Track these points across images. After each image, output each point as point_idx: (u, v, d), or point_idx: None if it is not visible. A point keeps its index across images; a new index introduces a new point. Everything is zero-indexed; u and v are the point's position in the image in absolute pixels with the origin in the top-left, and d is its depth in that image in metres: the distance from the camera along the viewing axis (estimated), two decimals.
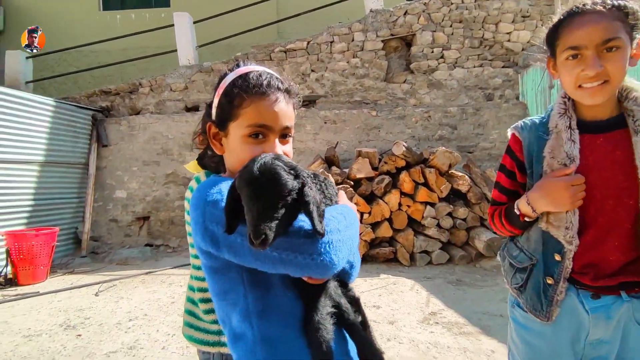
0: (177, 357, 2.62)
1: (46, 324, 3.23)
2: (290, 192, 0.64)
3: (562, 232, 1.01)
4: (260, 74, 0.82)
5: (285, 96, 0.83)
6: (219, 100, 0.84)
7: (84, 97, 6.87)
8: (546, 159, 1.04)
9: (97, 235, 6.30)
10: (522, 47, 6.53)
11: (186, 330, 1.22)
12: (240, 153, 0.81)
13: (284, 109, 0.81)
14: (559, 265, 1.03)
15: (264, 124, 0.79)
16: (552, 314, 1.03)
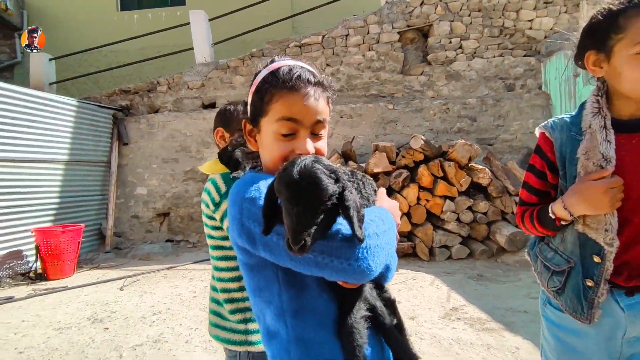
0: (201, 351, 2.67)
1: (75, 317, 3.35)
2: (330, 197, 0.62)
3: (601, 235, 0.98)
4: (291, 68, 0.79)
5: (317, 90, 0.79)
6: (251, 97, 0.84)
7: (104, 97, 7.03)
8: (580, 161, 1.01)
9: (120, 231, 6.48)
10: (544, 35, 6.31)
11: (212, 330, 1.23)
12: (271, 149, 0.80)
13: (315, 102, 0.78)
14: (598, 267, 1.00)
15: (293, 118, 0.77)
16: (593, 316, 1.01)
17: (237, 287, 1.19)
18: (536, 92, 6.17)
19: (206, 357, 2.58)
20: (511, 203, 4.81)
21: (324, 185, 0.61)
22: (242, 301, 1.19)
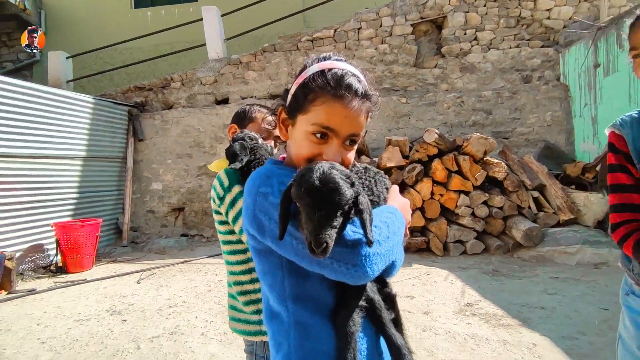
0: (216, 343, 2.71)
1: (94, 309, 3.44)
2: (348, 202, 0.65)
3: None
4: (343, 74, 0.78)
5: (361, 102, 0.78)
6: (296, 88, 0.82)
7: (119, 94, 7.15)
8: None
9: (136, 226, 6.60)
10: (563, 24, 6.12)
11: (231, 324, 1.27)
12: (300, 147, 0.81)
13: (355, 115, 0.77)
14: None
15: (329, 127, 0.77)
16: None
17: (249, 280, 1.22)
18: (554, 84, 6.00)
19: (221, 349, 2.61)
20: (528, 197, 4.72)
21: (342, 191, 0.64)
22: (255, 293, 1.21)
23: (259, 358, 1.21)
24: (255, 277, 1.21)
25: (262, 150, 1.23)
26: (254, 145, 1.22)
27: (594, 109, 5.28)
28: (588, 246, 4.14)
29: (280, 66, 6.75)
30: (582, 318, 2.85)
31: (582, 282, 3.61)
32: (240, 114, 1.44)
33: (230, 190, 1.18)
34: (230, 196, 1.18)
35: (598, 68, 5.14)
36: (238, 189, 1.18)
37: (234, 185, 1.18)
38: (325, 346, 0.73)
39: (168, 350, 2.63)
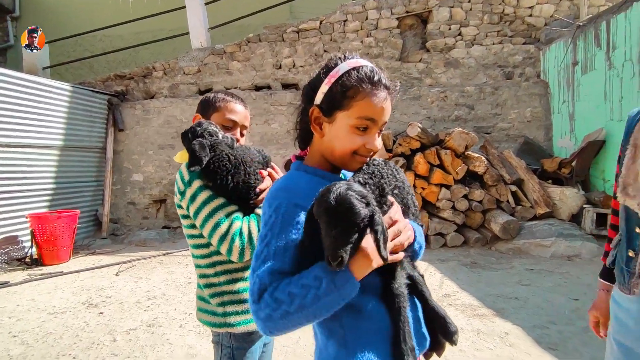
0: (194, 335, 2.70)
1: (70, 302, 3.37)
2: (363, 220, 0.71)
3: (637, 201, 1.01)
4: (373, 69, 0.86)
5: (388, 93, 0.87)
6: (330, 87, 0.86)
7: (99, 82, 6.95)
8: (633, 133, 1.06)
9: (116, 218, 6.48)
10: (544, 22, 6.22)
11: (198, 315, 1.28)
12: (344, 141, 0.86)
13: (387, 105, 0.87)
14: (639, 238, 1.03)
15: (372, 118, 0.84)
16: (632, 287, 1.04)
17: (213, 273, 1.22)
18: (534, 81, 6.12)
19: (199, 341, 2.60)
20: (506, 191, 4.82)
21: (356, 210, 0.70)
22: (219, 285, 1.21)
23: (225, 348, 1.23)
24: (220, 271, 1.21)
25: (222, 145, 1.20)
26: (213, 141, 1.19)
27: (572, 106, 5.41)
28: (562, 239, 4.27)
29: (265, 57, 6.68)
30: (553, 308, 2.95)
31: (555, 273, 3.73)
32: (204, 103, 1.38)
33: (191, 185, 1.17)
34: (190, 191, 1.17)
35: (576, 66, 5.26)
36: (198, 184, 1.17)
37: (194, 180, 1.18)
38: (378, 324, 0.81)
39: (145, 342, 2.60)
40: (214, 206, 1.15)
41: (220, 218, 1.13)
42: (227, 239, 1.11)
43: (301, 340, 2.57)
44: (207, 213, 1.14)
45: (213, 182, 1.16)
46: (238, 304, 1.21)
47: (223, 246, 1.12)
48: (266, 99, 6.37)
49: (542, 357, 2.30)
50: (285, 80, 6.66)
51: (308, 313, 0.72)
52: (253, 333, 1.24)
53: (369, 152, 0.86)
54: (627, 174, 1.05)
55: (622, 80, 4.42)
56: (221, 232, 1.12)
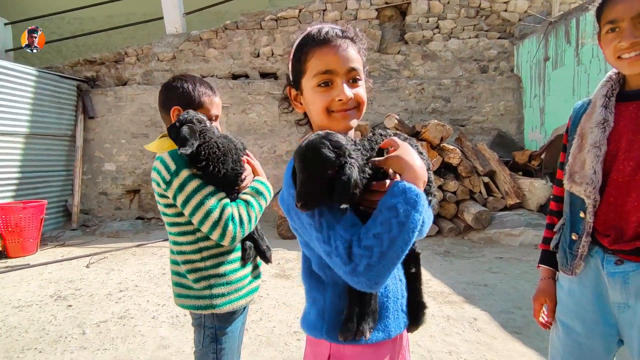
0: (167, 326, 2.66)
1: (36, 295, 3.26)
2: (327, 169, 0.71)
3: (583, 188, 1.05)
4: (320, 28, 0.85)
5: (348, 42, 0.84)
6: (290, 63, 0.89)
7: (67, 67, 6.64)
8: (580, 124, 1.11)
9: (88, 208, 6.27)
10: (519, 17, 6.36)
11: (178, 301, 1.30)
12: (314, 104, 0.85)
13: (346, 52, 0.83)
14: (582, 222, 1.08)
15: (328, 69, 0.82)
16: (574, 268, 1.10)
17: (200, 258, 1.25)
18: (508, 75, 6.27)
19: (173, 332, 2.58)
20: (479, 183, 4.96)
21: (322, 158, 0.71)
22: (206, 269, 1.25)
23: (207, 329, 1.27)
24: (206, 255, 1.24)
25: (211, 132, 1.22)
26: (202, 128, 1.20)
27: (542, 100, 5.59)
28: (530, 228, 4.45)
29: (242, 45, 6.54)
30: (519, 294, 3.07)
31: (523, 261, 3.89)
32: (183, 96, 1.33)
33: (179, 174, 1.17)
34: (178, 180, 1.17)
35: (547, 61, 5.42)
36: (187, 173, 1.18)
37: (182, 169, 1.18)
38: None
39: (116, 334, 2.55)
40: (204, 194, 1.17)
41: (212, 205, 1.17)
42: (220, 224, 1.16)
43: (275, 329, 2.58)
44: (199, 201, 1.16)
45: (204, 169, 1.18)
46: (224, 285, 1.26)
47: (215, 232, 1.16)
48: (244, 88, 6.27)
49: (507, 340, 2.40)
50: (263, 69, 6.56)
51: (399, 244, 0.71)
52: (235, 312, 1.30)
53: (342, 105, 0.83)
54: (573, 162, 1.10)
55: (589, 77, 4.60)
56: (214, 219, 1.15)
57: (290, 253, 4.29)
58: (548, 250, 1.24)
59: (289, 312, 2.84)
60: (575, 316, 1.12)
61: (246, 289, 1.31)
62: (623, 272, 1.02)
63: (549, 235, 1.25)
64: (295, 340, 2.45)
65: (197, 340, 1.30)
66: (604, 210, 1.05)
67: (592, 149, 1.05)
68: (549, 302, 1.22)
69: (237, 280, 1.28)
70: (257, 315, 2.78)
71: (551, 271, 1.24)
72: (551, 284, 1.23)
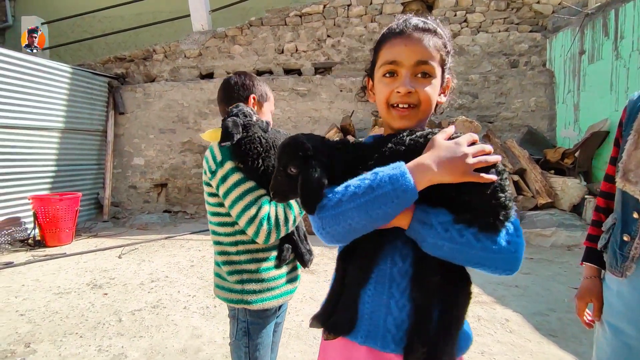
0: (198, 317, 2.73)
1: (74, 282, 3.40)
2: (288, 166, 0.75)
3: (638, 187, 1.00)
4: (401, 18, 0.83)
5: (425, 35, 0.79)
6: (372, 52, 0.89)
7: (99, 64, 6.86)
8: (638, 119, 1.04)
9: (118, 201, 6.49)
10: (552, 10, 6.13)
11: (216, 291, 1.33)
12: (378, 94, 0.83)
13: (418, 44, 0.78)
14: (636, 223, 1.03)
15: (394, 60, 0.79)
16: (625, 270, 1.05)
17: (235, 251, 1.26)
18: (540, 70, 6.06)
19: (204, 322, 2.64)
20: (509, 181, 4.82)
21: (284, 155, 0.75)
22: (239, 264, 1.25)
23: (240, 322, 1.28)
24: (242, 250, 1.25)
25: (256, 127, 1.22)
26: (247, 122, 1.21)
27: (577, 96, 5.38)
28: (563, 229, 4.30)
29: (267, 41, 6.58)
30: (553, 296, 2.98)
31: (555, 263, 3.77)
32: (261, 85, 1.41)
33: (223, 166, 1.19)
34: (222, 172, 1.19)
35: (583, 55, 5.20)
36: (230, 165, 1.19)
37: (226, 161, 1.20)
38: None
39: (150, 323, 2.63)
40: (244, 189, 1.18)
41: (250, 201, 1.17)
42: (255, 222, 1.16)
43: (304, 324, 2.61)
44: (238, 195, 1.17)
45: (244, 163, 1.18)
46: (256, 282, 1.25)
47: (250, 228, 1.17)
48: (268, 84, 6.29)
49: (542, 343, 2.34)
50: (287, 65, 6.58)
51: (359, 204, 0.67)
52: (268, 310, 1.30)
53: (401, 98, 0.77)
54: (628, 159, 1.05)
55: (628, 71, 4.39)
56: (250, 215, 1.16)
57: (314, 248, 4.30)
58: (594, 248, 1.19)
59: (316, 307, 2.85)
60: (625, 318, 1.08)
61: (280, 289, 1.30)
62: None
63: (594, 233, 1.20)
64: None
65: (231, 331, 1.32)
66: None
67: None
68: (595, 301, 1.18)
69: (270, 279, 1.27)
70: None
71: (597, 269, 1.19)
72: (597, 282, 1.18)
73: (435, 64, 0.79)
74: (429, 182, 0.68)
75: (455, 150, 0.69)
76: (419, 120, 0.81)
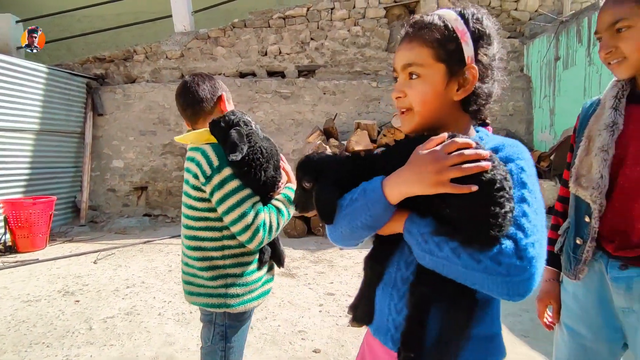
0: (173, 323, 2.68)
1: (45, 290, 3.30)
2: (302, 182, 0.82)
3: (589, 192, 1.03)
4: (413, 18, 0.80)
5: (413, 35, 0.76)
6: None
7: (77, 64, 6.71)
8: (588, 126, 1.08)
9: (96, 205, 6.34)
10: (529, 17, 6.28)
11: (189, 298, 1.31)
12: None
13: (404, 47, 0.77)
14: (587, 226, 1.05)
15: (394, 66, 0.81)
16: (578, 273, 1.08)
17: (221, 256, 1.25)
18: (518, 75, 6.20)
19: (178, 329, 2.59)
20: None
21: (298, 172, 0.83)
22: (224, 268, 1.25)
23: (218, 326, 1.28)
24: (227, 254, 1.25)
25: (256, 136, 1.22)
26: (249, 131, 1.20)
27: (552, 101, 5.52)
28: None
29: (250, 43, 6.55)
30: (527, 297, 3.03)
31: None
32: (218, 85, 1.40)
33: (221, 171, 1.17)
34: (219, 177, 1.17)
35: (558, 61, 5.34)
36: (229, 172, 1.18)
37: (224, 167, 1.18)
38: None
39: (122, 330, 2.57)
40: (242, 196, 1.18)
41: (247, 208, 1.18)
42: (252, 229, 1.17)
43: (280, 329, 2.58)
44: (236, 202, 1.17)
45: (246, 175, 1.18)
46: (240, 286, 1.26)
47: (245, 235, 1.17)
48: (251, 87, 6.27)
49: (515, 343, 2.38)
50: (271, 67, 6.56)
51: (344, 215, 0.76)
52: (246, 312, 1.31)
53: (396, 104, 0.80)
54: (580, 165, 1.08)
55: (601, 77, 4.52)
56: (247, 222, 1.17)
57: (295, 252, 4.30)
58: (552, 251, 1.21)
59: (294, 311, 2.84)
60: (580, 320, 1.11)
61: (259, 290, 1.32)
62: (627, 277, 1.00)
63: (553, 237, 1.23)
64: (299, 339, 2.45)
65: (205, 336, 1.30)
66: (609, 215, 1.03)
67: (599, 153, 1.02)
68: (553, 303, 1.21)
69: (252, 282, 1.29)
70: (262, 313, 2.78)
71: (555, 272, 1.22)
72: (556, 285, 1.22)
73: (431, 62, 0.74)
74: (400, 194, 0.69)
75: (425, 160, 0.66)
76: (422, 124, 0.77)
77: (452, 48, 0.74)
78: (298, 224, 4.93)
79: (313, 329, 2.58)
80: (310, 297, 3.09)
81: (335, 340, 2.44)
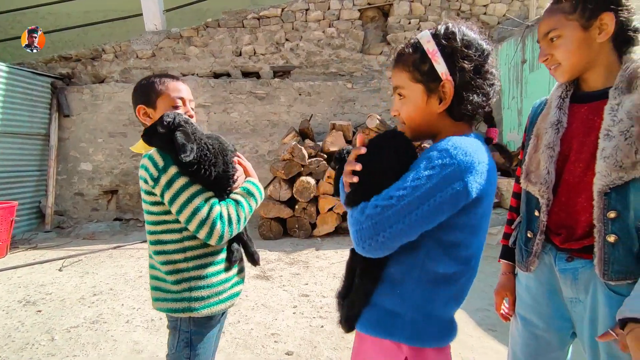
0: (142, 330, 2.59)
1: (3, 300, 3.13)
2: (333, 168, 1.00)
3: (537, 187, 1.08)
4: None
5: (397, 61, 0.91)
6: None
7: (41, 63, 6.42)
8: (536, 125, 1.13)
9: (62, 210, 6.08)
10: (497, 21, 6.49)
11: (156, 304, 1.26)
12: None
13: (394, 72, 0.92)
14: (537, 220, 1.11)
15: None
16: (529, 265, 1.13)
17: (183, 258, 1.21)
18: None
19: (147, 337, 2.51)
20: None
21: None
22: (187, 271, 1.21)
23: (183, 333, 1.23)
24: (190, 256, 1.21)
25: (199, 133, 1.18)
26: (193, 129, 1.16)
27: (520, 102, 5.71)
28: None
29: (224, 43, 6.46)
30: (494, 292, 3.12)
31: None
32: (142, 90, 1.30)
33: (167, 171, 1.14)
34: (166, 177, 1.14)
35: (524, 64, 5.54)
36: (175, 170, 1.14)
37: (169, 166, 1.14)
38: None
39: (87, 340, 2.47)
40: (192, 192, 1.14)
41: (200, 203, 1.14)
42: (208, 223, 1.13)
43: (253, 332, 2.55)
44: (186, 199, 1.14)
45: (196, 172, 1.15)
46: (204, 288, 1.22)
47: (202, 231, 1.13)
48: (225, 87, 6.18)
49: (482, 338, 2.44)
50: (245, 68, 6.50)
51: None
52: (213, 317, 1.26)
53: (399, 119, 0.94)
54: (529, 162, 1.13)
55: None
56: (201, 217, 1.13)
57: (271, 254, 4.26)
58: (507, 245, 1.27)
59: (268, 314, 2.81)
60: (532, 310, 1.16)
61: (227, 292, 1.27)
62: (573, 268, 1.05)
63: (508, 231, 1.28)
64: (272, 342, 2.43)
65: (170, 343, 1.26)
66: (556, 209, 1.08)
67: (546, 150, 1.08)
68: (509, 295, 1.26)
69: (218, 283, 1.24)
70: (235, 317, 2.74)
71: (511, 266, 1.27)
72: (511, 278, 1.27)
73: (410, 83, 0.88)
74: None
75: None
76: (413, 135, 0.92)
77: (425, 69, 0.85)
78: (274, 225, 4.89)
79: (286, 331, 2.56)
80: (284, 299, 3.07)
81: (308, 341, 2.42)
